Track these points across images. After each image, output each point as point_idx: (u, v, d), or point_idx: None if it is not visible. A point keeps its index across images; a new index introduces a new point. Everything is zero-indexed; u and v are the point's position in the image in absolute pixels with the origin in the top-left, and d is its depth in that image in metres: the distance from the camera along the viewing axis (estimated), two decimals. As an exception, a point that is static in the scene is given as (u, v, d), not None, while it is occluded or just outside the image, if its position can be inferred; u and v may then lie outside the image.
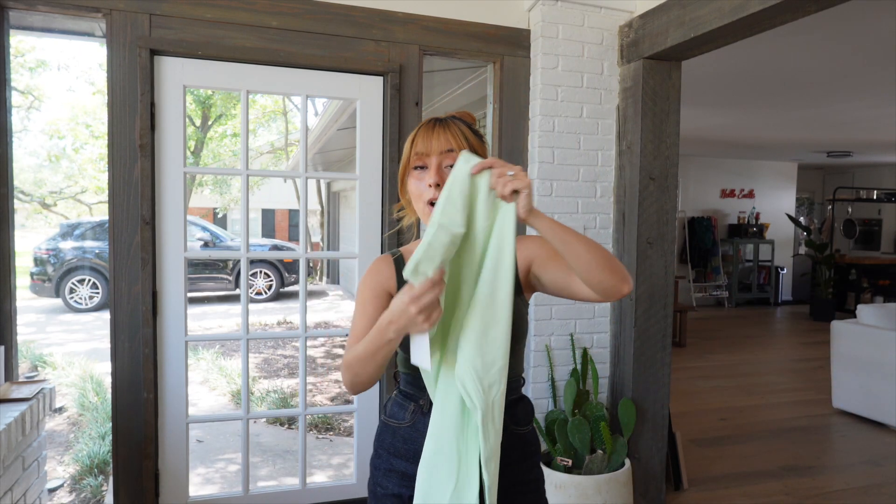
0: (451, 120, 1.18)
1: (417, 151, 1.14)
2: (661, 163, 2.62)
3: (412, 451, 1.17)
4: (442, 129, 1.14)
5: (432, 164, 1.13)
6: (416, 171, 1.15)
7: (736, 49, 2.73)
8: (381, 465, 1.21)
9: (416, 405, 1.19)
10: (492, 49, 2.63)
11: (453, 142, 1.13)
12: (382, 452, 1.21)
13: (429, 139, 1.14)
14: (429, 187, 1.13)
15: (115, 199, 2.21)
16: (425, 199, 1.14)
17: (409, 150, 1.16)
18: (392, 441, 1.20)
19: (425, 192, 1.13)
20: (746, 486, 3.06)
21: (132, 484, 2.29)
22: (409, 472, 1.17)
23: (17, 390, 2.09)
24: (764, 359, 5.98)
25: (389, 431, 1.21)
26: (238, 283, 9.57)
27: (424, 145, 1.14)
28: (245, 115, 2.40)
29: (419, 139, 1.15)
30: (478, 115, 4.38)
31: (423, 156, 1.14)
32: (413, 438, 1.17)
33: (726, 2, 2.05)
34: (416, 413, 1.18)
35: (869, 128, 5.99)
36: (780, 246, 9.64)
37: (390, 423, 1.22)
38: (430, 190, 1.13)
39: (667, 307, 2.67)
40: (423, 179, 1.14)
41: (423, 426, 1.15)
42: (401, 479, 1.18)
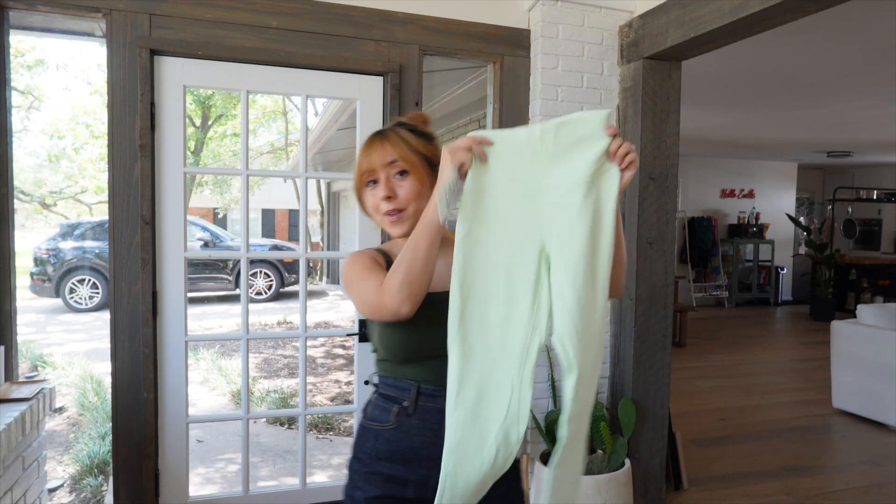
0: (393, 129, 1.20)
1: (363, 169, 1.18)
2: (661, 163, 2.62)
3: (397, 452, 1.16)
4: (380, 143, 1.17)
5: (381, 178, 1.17)
6: (368, 186, 1.19)
7: (736, 49, 2.72)
8: (362, 469, 1.19)
9: (399, 407, 1.17)
10: (492, 49, 2.63)
11: (394, 152, 1.16)
12: (363, 457, 1.19)
13: (369, 155, 1.17)
14: (382, 201, 1.17)
15: (115, 199, 2.21)
16: (382, 211, 1.18)
17: (358, 167, 1.20)
18: (375, 444, 1.18)
19: (381, 205, 1.17)
20: (746, 486, 3.06)
21: (132, 484, 2.29)
22: (395, 474, 1.16)
23: (17, 390, 2.09)
24: (764, 359, 5.98)
25: (371, 435, 1.19)
26: (238, 283, 9.57)
27: (367, 162, 1.17)
28: (245, 115, 2.40)
29: (362, 156, 1.18)
30: (478, 114, 4.38)
31: (369, 172, 1.18)
32: (398, 440, 1.16)
33: (726, 2, 2.05)
34: (399, 415, 1.17)
35: (869, 128, 5.99)
36: (780, 246, 9.64)
37: (372, 427, 1.20)
38: (385, 203, 1.17)
39: (667, 307, 2.67)
40: (376, 193, 1.18)
41: (408, 427, 1.16)
42: (385, 480, 1.17)
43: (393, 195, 1.16)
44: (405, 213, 1.18)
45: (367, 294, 1.10)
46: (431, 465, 1.15)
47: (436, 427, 1.15)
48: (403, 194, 1.17)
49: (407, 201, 1.17)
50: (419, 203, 1.17)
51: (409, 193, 1.17)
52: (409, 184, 1.17)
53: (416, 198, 1.17)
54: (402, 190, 1.17)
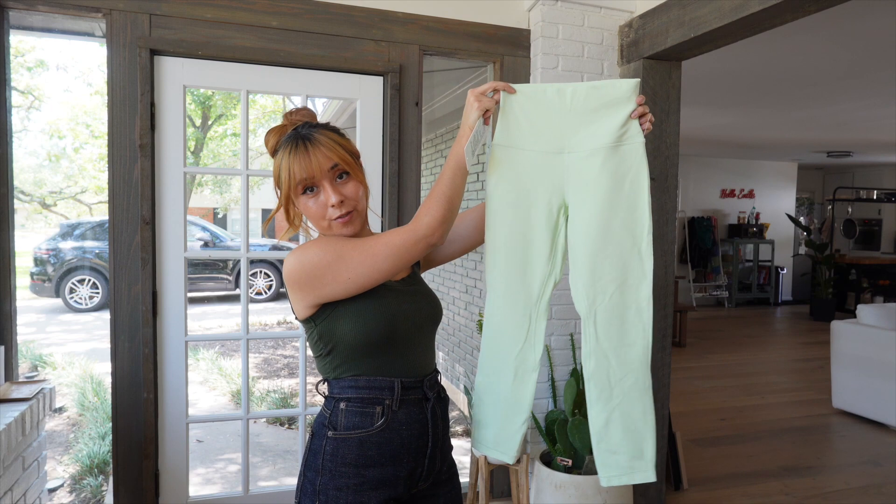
0: (316, 132, 1.15)
1: (299, 178, 1.12)
2: (661, 163, 2.62)
3: (388, 454, 1.13)
4: (313, 148, 1.12)
5: (324, 185, 1.13)
6: (306, 194, 1.14)
7: (736, 49, 2.73)
8: (348, 483, 1.11)
9: (383, 406, 1.14)
10: (492, 49, 2.63)
11: (333, 156, 1.13)
12: (346, 470, 1.11)
13: (303, 163, 1.12)
14: (332, 207, 1.14)
15: (115, 199, 2.21)
16: (331, 217, 1.14)
17: (288, 179, 1.13)
18: (359, 453, 1.12)
19: (331, 211, 1.14)
20: (746, 486, 3.06)
21: (132, 484, 2.29)
22: (385, 477, 1.13)
23: (17, 390, 2.09)
24: (764, 359, 5.98)
25: (353, 444, 1.12)
26: (238, 283, 9.57)
27: (303, 170, 1.12)
28: (245, 115, 2.40)
29: (295, 166, 1.12)
30: (478, 115, 4.38)
31: (307, 180, 1.13)
32: (389, 440, 1.13)
33: (726, 2, 2.05)
34: (386, 414, 1.13)
35: (869, 128, 5.99)
36: (780, 246, 9.64)
37: (352, 436, 1.12)
38: (333, 210, 1.14)
39: (667, 307, 2.67)
40: (318, 199, 1.14)
41: (396, 424, 1.14)
42: (376, 487, 1.12)
43: (342, 198, 1.14)
44: (354, 213, 1.17)
45: (392, 238, 1.11)
46: (419, 456, 1.17)
47: (420, 417, 1.17)
48: (350, 196, 1.16)
49: (354, 202, 1.17)
50: (362, 202, 1.18)
51: (354, 194, 1.16)
52: (352, 185, 1.16)
53: (358, 198, 1.17)
54: (348, 192, 1.16)
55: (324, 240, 1.16)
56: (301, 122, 1.20)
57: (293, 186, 1.13)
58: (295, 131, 1.15)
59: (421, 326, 1.20)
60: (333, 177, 1.14)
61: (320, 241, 1.15)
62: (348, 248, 1.12)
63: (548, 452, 2.52)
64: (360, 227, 1.20)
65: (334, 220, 1.15)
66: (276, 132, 1.19)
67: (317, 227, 1.19)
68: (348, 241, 1.14)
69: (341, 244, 1.13)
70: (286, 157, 1.13)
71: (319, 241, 1.16)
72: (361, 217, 1.20)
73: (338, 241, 1.14)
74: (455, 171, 1.13)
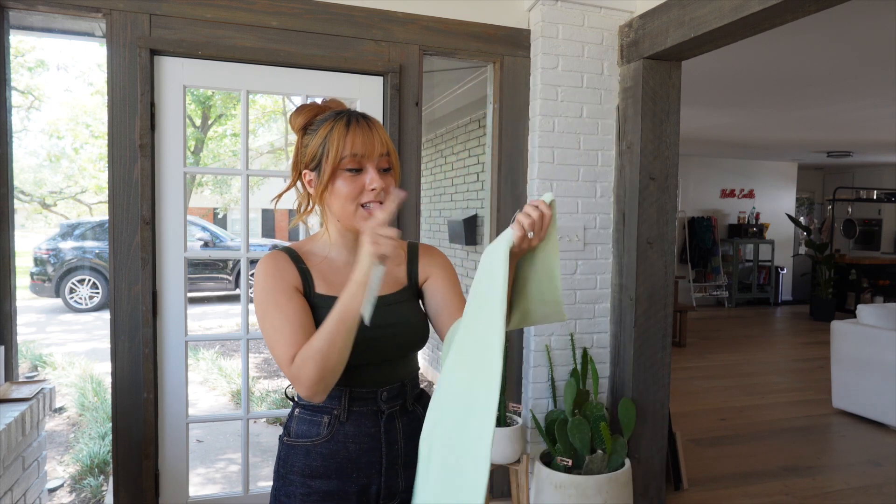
0: (371, 118, 1.12)
1: (355, 153, 1.06)
2: (661, 163, 2.62)
3: (334, 466, 1.08)
4: (371, 130, 1.08)
5: (369, 168, 1.07)
6: (348, 172, 1.07)
7: (736, 49, 2.73)
8: (296, 492, 1.09)
9: (330, 416, 1.09)
10: (492, 49, 2.62)
11: (387, 145, 1.09)
12: (294, 478, 1.09)
13: (360, 139, 1.06)
14: (372, 191, 1.07)
15: (115, 199, 2.21)
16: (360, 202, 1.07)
17: (338, 149, 1.05)
18: (306, 462, 1.09)
19: (365, 195, 1.07)
20: (746, 486, 3.06)
21: (132, 484, 2.29)
22: (332, 490, 1.08)
23: (17, 390, 2.09)
24: (764, 359, 5.98)
25: (301, 452, 1.09)
26: (238, 283, 9.57)
27: (356, 145, 1.06)
28: (245, 115, 2.40)
29: (357, 139, 1.06)
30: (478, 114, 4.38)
31: (357, 158, 1.06)
32: (334, 452, 1.09)
33: (726, 2, 2.05)
34: (332, 425, 1.09)
35: (869, 128, 5.99)
36: (780, 246, 9.64)
37: (300, 444, 1.10)
38: (371, 194, 1.07)
39: (667, 307, 2.67)
40: (357, 182, 1.06)
41: (343, 436, 1.09)
42: (323, 499, 1.08)
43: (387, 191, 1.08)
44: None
45: (278, 353, 1.01)
46: (372, 472, 1.10)
47: (372, 431, 1.10)
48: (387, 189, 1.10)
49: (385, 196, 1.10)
50: None
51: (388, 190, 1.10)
52: (390, 181, 1.10)
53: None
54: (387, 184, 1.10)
55: (265, 268, 1.08)
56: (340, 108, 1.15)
57: (341, 158, 1.05)
58: (347, 111, 1.11)
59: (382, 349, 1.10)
60: (379, 164, 1.08)
61: (264, 268, 1.08)
62: (267, 314, 1.04)
63: (548, 452, 2.52)
64: None
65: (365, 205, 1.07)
66: (311, 110, 1.12)
67: (339, 211, 1.09)
68: (273, 301, 1.04)
69: (268, 297, 1.05)
70: (339, 128, 1.06)
71: (264, 265, 1.08)
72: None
73: (269, 285, 1.06)
74: (339, 324, 0.97)
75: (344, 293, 0.99)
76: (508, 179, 2.69)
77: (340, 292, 1.02)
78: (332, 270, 1.13)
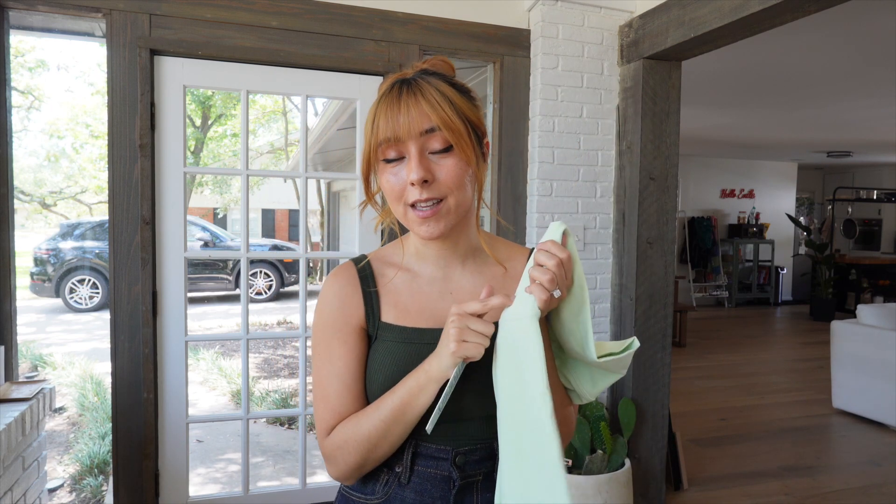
0: (423, 78, 0.82)
1: (381, 137, 0.81)
2: (661, 163, 2.62)
3: None
4: (413, 99, 0.79)
5: (411, 153, 0.80)
6: (387, 164, 0.82)
7: (736, 49, 2.73)
8: None
9: (390, 473, 0.86)
10: (492, 49, 2.63)
11: (433, 116, 0.79)
12: None
13: (395, 117, 0.79)
14: (411, 186, 0.80)
15: (115, 199, 2.21)
16: (408, 201, 0.82)
17: (371, 136, 0.82)
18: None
19: (410, 192, 0.81)
20: (746, 486, 3.06)
21: (132, 484, 2.29)
22: None
23: (17, 390, 2.09)
24: (764, 359, 5.98)
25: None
26: (238, 283, 9.57)
27: (390, 127, 0.80)
28: (245, 115, 2.40)
29: (381, 119, 0.81)
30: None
31: (393, 143, 0.80)
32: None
33: (726, 2, 2.05)
34: (390, 484, 0.86)
35: (869, 128, 5.99)
36: (780, 246, 9.64)
37: (353, 498, 0.89)
38: (414, 190, 0.80)
39: (667, 307, 2.67)
40: (399, 174, 0.82)
41: (400, 501, 0.85)
42: None
43: (431, 178, 0.80)
44: (443, 206, 0.81)
45: (317, 415, 0.86)
46: None
47: (437, 499, 0.85)
48: (444, 178, 0.80)
49: (448, 189, 0.81)
50: (462, 193, 0.83)
51: (452, 178, 0.81)
52: (453, 164, 0.81)
53: (459, 185, 0.82)
54: (443, 172, 0.80)
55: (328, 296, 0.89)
56: (423, 69, 0.87)
57: (374, 148, 0.82)
58: (402, 78, 0.84)
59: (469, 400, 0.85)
60: (427, 145, 0.80)
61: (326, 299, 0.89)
62: (322, 351, 0.87)
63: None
64: (452, 229, 0.85)
65: (410, 205, 0.82)
66: (393, 78, 0.87)
67: (394, 212, 0.86)
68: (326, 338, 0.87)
69: (325, 334, 0.87)
70: (375, 107, 0.83)
71: (328, 286, 0.90)
72: (458, 214, 0.84)
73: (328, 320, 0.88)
74: (396, 416, 0.79)
75: (411, 379, 0.79)
76: (508, 179, 2.69)
77: (415, 320, 0.85)
78: (409, 289, 0.90)
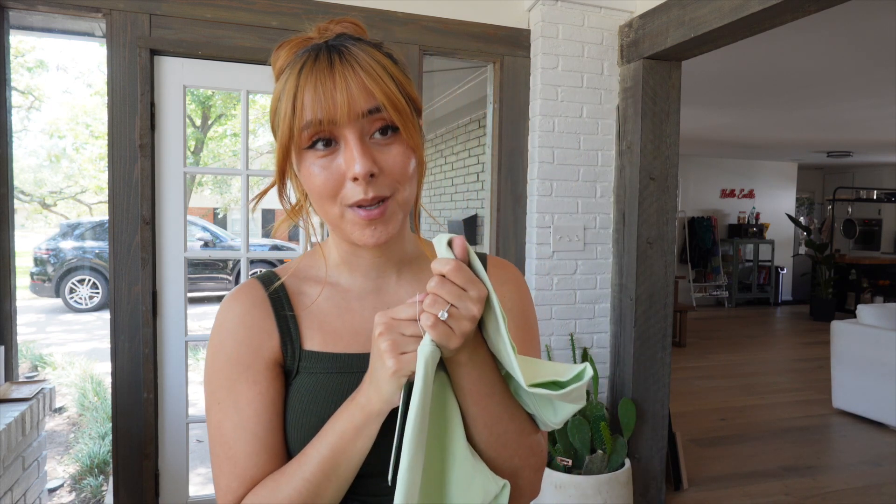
0: (355, 45, 0.66)
1: (312, 120, 0.61)
2: (661, 163, 2.62)
3: None
4: (350, 71, 0.62)
5: (348, 139, 0.62)
6: (316, 147, 0.63)
7: (736, 49, 2.73)
8: None
9: None
10: (492, 49, 2.62)
11: (377, 92, 0.62)
12: None
13: (329, 93, 0.61)
14: (353, 182, 0.62)
15: (115, 199, 2.21)
16: (345, 201, 0.63)
17: (288, 116, 0.62)
18: None
19: (349, 190, 0.63)
20: (746, 486, 3.06)
21: (132, 484, 2.29)
22: None
23: (17, 390, 2.09)
24: (764, 359, 5.98)
25: None
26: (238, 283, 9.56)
27: (324, 107, 0.61)
28: (245, 115, 2.40)
29: (307, 94, 0.61)
30: (478, 114, 4.38)
31: (325, 127, 0.62)
32: None
33: (726, 2, 2.05)
34: None
35: (869, 128, 5.99)
36: (780, 246, 9.64)
37: None
38: (356, 187, 0.62)
39: (667, 307, 2.67)
40: (331, 166, 0.63)
41: None
42: None
43: (376, 171, 0.62)
44: (390, 204, 0.65)
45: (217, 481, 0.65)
46: None
47: None
48: (390, 170, 0.64)
49: (395, 182, 0.64)
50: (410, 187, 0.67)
51: (400, 169, 0.64)
52: (400, 151, 0.64)
53: (407, 178, 0.66)
54: (388, 162, 0.64)
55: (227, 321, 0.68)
56: (341, 32, 0.71)
57: (295, 130, 0.62)
58: (320, 44, 0.67)
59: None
60: (367, 129, 0.63)
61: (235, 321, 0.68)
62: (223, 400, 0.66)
63: (548, 452, 2.53)
64: (397, 234, 0.67)
65: (352, 207, 0.63)
66: (293, 45, 0.70)
67: (322, 214, 0.67)
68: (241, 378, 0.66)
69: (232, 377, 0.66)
70: (292, 78, 0.63)
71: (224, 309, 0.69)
72: (405, 212, 0.68)
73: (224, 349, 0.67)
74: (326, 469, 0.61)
75: (340, 420, 0.61)
76: (508, 179, 2.69)
77: (347, 344, 0.69)
78: (336, 307, 0.72)
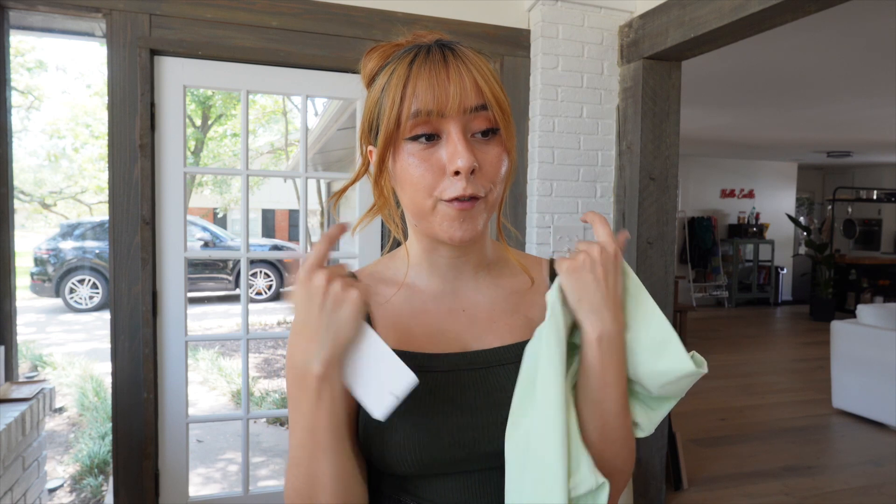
0: (462, 46, 0.66)
1: (422, 110, 0.62)
2: (661, 163, 2.62)
3: None
4: (464, 66, 0.63)
5: (452, 133, 0.62)
6: (413, 142, 0.64)
7: (736, 49, 2.73)
8: None
9: None
10: (492, 49, 2.62)
11: (486, 89, 0.63)
12: None
13: (443, 84, 0.61)
14: (454, 176, 0.62)
15: (115, 199, 2.21)
16: (442, 196, 0.63)
17: (397, 106, 0.63)
18: None
19: (448, 184, 0.63)
20: (746, 486, 3.06)
21: (132, 484, 2.29)
22: None
23: (17, 390, 2.09)
24: (764, 359, 5.98)
25: None
26: (238, 283, 9.57)
27: (435, 98, 0.61)
28: (245, 115, 2.40)
29: (420, 84, 0.62)
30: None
31: (433, 117, 0.62)
32: None
33: (726, 2, 2.05)
34: None
35: (869, 128, 5.99)
36: (780, 246, 9.64)
37: None
38: (457, 181, 0.62)
39: (667, 307, 2.67)
40: (431, 158, 0.63)
41: None
42: None
43: (479, 168, 0.63)
44: (479, 203, 0.65)
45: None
46: None
47: None
48: (488, 168, 0.65)
49: (490, 182, 0.65)
50: (501, 189, 0.68)
51: (496, 170, 0.65)
52: (497, 152, 0.65)
53: (500, 180, 0.67)
54: (488, 159, 0.64)
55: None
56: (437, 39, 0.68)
57: (405, 118, 0.62)
58: (421, 45, 0.66)
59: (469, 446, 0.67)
60: (470, 126, 0.63)
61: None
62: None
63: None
64: (481, 233, 0.68)
65: (448, 201, 0.63)
66: (385, 50, 0.69)
67: (412, 207, 0.66)
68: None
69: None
70: (399, 70, 0.63)
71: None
72: (491, 215, 0.68)
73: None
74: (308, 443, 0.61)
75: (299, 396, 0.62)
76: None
77: (421, 344, 0.69)
78: (409, 307, 0.72)
